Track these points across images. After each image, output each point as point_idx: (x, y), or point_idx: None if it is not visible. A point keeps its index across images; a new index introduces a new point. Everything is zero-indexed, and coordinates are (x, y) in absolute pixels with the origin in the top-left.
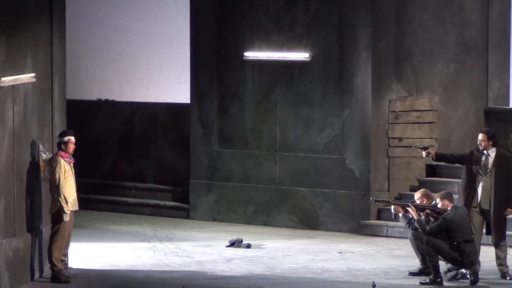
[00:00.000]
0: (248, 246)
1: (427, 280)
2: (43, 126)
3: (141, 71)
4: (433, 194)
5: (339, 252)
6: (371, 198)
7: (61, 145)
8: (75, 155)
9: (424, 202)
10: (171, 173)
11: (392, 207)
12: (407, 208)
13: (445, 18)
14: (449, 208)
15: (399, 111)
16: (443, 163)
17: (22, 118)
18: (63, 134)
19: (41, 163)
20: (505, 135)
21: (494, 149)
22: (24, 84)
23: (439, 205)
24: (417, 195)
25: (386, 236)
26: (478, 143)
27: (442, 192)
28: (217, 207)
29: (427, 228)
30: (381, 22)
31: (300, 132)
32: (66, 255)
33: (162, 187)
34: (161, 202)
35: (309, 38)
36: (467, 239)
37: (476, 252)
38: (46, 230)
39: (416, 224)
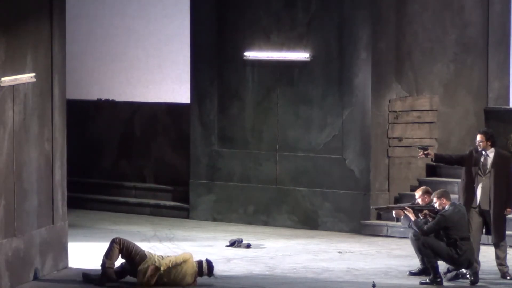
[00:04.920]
0: (248, 246)
1: (427, 280)
2: (43, 126)
3: (141, 71)
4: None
5: (339, 252)
6: (371, 207)
7: None
8: (74, 154)
9: (426, 200)
10: (171, 173)
11: (393, 212)
12: (404, 211)
13: (445, 18)
14: (446, 206)
15: (399, 111)
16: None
17: (22, 118)
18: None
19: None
20: (505, 135)
21: (493, 149)
22: (24, 84)
23: (436, 204)
24: (418, 193)
25: (386, 236)
26: (476, 144)
27: (438, 191)
28: (217, 207)
29: (425, 228)
30: (381, 22)
31: (300, 132)
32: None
33: (162, 187)
34: (161, 202)
35: (309, 38)
36: (464, 236)
37: (473, 250)
38: (46, 230)
39: (412, 225)
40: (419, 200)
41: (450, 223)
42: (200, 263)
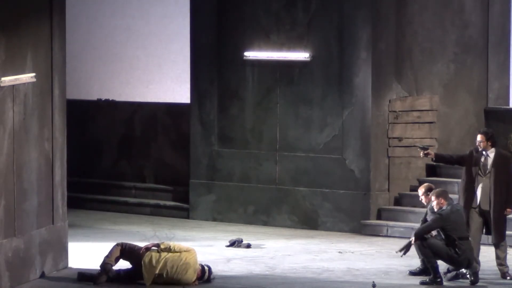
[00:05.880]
0: (248, 246)
1: (427, 280)
2: (43, 126)
3: (141, 71)
4: None
5: (339, 252)
6: (398, 253)
7: None
8: (74, 154)
9: (429, 198)
10: (171, 173)
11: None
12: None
13: (445, 18)
14: (444, 206)
15: (399, 111)
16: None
17: (22, 118)
18: None
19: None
20: (505, 135)
21: (493, 149)
22: (24, 84)
23: (434, 203)
24: (421, 191)
25: (386, 236)
26: (477, 144)
27: (437, 190)
28: (217, 207)
29: (422, 227)
30: (381, 22)
31: (300, 132)
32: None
33: (162, 187)
34: (161, 202)
35: (309, 38)
36: (462, 236)
37: (472, 250)
38: (46, 230)
39: (416, 233)
40: (422, 198)
41: (447, 222)
42: (203, 266)
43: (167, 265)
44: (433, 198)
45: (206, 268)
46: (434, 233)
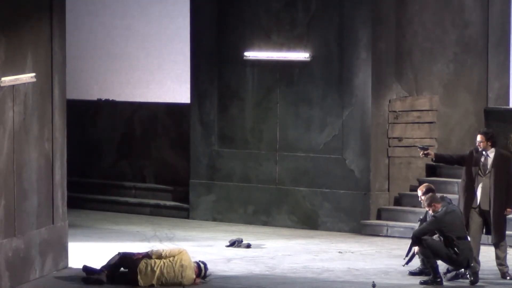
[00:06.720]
0: (248, 246)
1: (427, 280)
2: (43, 126)
3: (141, 71)
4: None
5: (339, 252)
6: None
7: None
8: (74, 154)
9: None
10: (171, 173)
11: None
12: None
13: (445, 18)
14: (439, 209)
15: (399, 111)
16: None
17: (22, 118)
18: None
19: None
20: (505, 135)
21: (493, 149)
22: (24, 84)
23: (429, 212)
24: (421, 191)
25: (386, 236)
26: (477, 144)
27: (426, 197)
28: (217, 207)
29: (419, 229)
30: (381, 22)
31: (300, 132)
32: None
33: (162, 187)
34: (161, 202)
35: (309, 38)
36: (460, 236)
37: (471, 249)
38: (46, 230)
39: (413, 236)
40: (422, 198)
41: (443, 224)
42: (198, 264)
43: (163, 273)
44: (426, 208)
45: (202, 265)
46: (436, 238)
